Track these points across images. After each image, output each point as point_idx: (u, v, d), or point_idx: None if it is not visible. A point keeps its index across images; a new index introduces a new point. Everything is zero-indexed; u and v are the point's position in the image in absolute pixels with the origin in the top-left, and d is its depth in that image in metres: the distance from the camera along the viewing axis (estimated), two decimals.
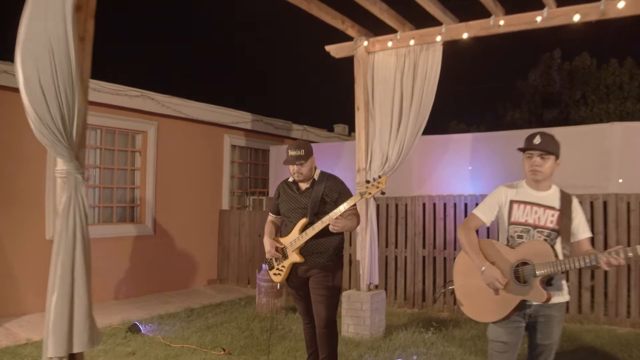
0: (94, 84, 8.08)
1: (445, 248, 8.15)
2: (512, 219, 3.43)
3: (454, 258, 7.90)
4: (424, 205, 8.37)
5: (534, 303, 3.31)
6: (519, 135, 7.91)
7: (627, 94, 15.80)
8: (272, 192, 10.01)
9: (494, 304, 3.34)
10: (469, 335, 6.37)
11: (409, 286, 8.35)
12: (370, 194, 4.42)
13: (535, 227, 3.36)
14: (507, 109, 19.26)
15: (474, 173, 8.23)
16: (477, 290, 3.42)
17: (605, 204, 7.26)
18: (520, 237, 3.38)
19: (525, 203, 3.41)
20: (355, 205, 4.62)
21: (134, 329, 6.57)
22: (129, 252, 8.78)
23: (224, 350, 5.81)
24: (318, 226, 4.49)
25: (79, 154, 3.47)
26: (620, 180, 7.31)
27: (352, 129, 15.39)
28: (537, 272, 3.20)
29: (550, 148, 3.32)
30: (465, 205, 8.02)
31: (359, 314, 6.56)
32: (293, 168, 4.68)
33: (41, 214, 7.57)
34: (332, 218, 4.36)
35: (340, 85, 6.94)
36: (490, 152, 8.17)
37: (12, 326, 6.74)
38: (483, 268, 3.34)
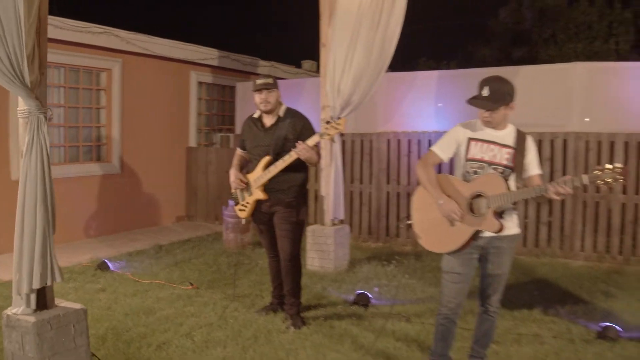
0: (56, 21, 7.86)
1: (409, 184, 8.31)
2: (469, 156, 3.54)
3: None
4: (388, 141, 8.48)
5: (486, 235, 3.47)
6: (486, 74, 8.03)
7: (596, 34, 15.88)
8: (238, 129, 10.01)
9: (450, 235, 3.49)
10: (429, 268, 6.62)
11: (373, 221, 8.56)
12: (329, 135, 4.51)
13: (490, 163, 3.48)
14: (477, 46, 19.28)
15: (439, 110, 8.33)
16: (434, 223, 3.56)
17: (565, 142, 7.46)
18: (476, 172, 3.50)
19: (483, 141, 3.52)
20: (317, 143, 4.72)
21: (102, 266, 6.67)
22: (97, 191, 8.78)
23: (192, 285, 5.97)
24: (280, 164, 4.59)
25: (38, 93, 3.46)
26: (587, 119, 7.47)
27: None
28: (491, 204, 3.35)
29: (498, 100, 3.37)
30: (430, 142, 8.15)
31: (324, 247, 6.74)
32: (260, 97, 4.71)
33: (5, 155, 7.49)
34: (302, 147, 4.44)
35: (307, 20, 6.84)
36: (456, 89, 8.21)
37: None
38: (441, 201, 3.46)
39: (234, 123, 11.21)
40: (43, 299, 3.56)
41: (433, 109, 8.38)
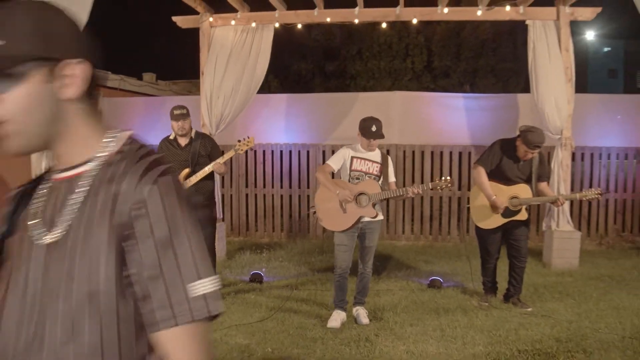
0: None
1: (264, 187, 9.97)
2: (352, 168, 5.31)
3: (272, 195, 9.87)
4: (246, 152, 9.98)
5: (365, 220, 5.25)
6: (324, 98, 10.16)
7: (396, 53, 18.28)
8: None
9: (343, 219, 5.23)
10: (294, 252, 8.37)
11: (234, 219, 10.07)
12: (241, 150, 6.01)
13: (366, 173, 5.29)
14: (294, 60, 21.00)
15: (288, 125, 10.05)
16: (332, 211, 5.28)
17: (388, 151, 9.63)
18: (358, 179, 5.29)
19: (361, 158, 5.32)
20: None
21: None
22: None
23: None
24: (200, 174, 5.96)
25: None
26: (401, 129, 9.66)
27: (159, 77, 16.27)
28: (371, 199, 5.15)
29: (382, 132, 5.22)
30: (281, 152, 9.89)
31: None
32: (178, 124, 6.00)
33: None
34: (219, 163, 5.87)
35: (147, 33, 8.09)
36: (301, 109, 10.05)
37: None
38: (337, 191, 5.16)
39: None
40: None
41: (283, 125, 10.09)
